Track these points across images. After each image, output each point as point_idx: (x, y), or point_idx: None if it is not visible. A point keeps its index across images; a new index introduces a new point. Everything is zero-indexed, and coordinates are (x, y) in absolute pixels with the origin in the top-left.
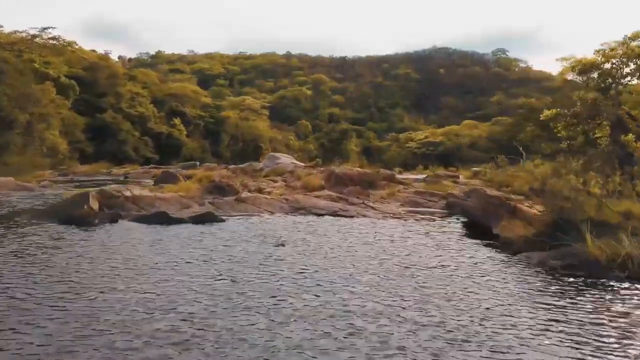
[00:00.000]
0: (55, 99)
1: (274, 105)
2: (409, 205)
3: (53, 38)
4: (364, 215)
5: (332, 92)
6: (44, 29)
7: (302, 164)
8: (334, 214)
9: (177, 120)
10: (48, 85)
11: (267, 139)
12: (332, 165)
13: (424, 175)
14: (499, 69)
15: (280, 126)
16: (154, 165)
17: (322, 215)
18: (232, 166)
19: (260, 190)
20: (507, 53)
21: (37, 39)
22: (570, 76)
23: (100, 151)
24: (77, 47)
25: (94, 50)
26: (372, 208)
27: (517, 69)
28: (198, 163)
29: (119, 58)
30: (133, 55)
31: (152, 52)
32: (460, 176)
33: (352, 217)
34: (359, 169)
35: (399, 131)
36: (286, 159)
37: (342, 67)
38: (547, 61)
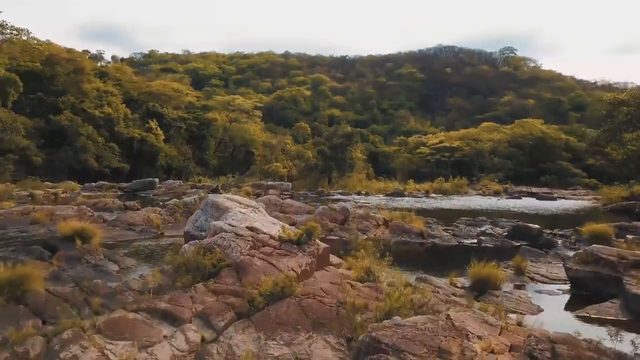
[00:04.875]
0: None
1: (271, 107)
2: None
3: None
4: None
5: (332, 92)
6: None
7: (277, 235)
8: None
9: (153, 123)
10: None
11: (259, 144)
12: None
13: None
14: (508, 69)
15: (276, 129)
16: (106, 182)
17: None
18: (173, 201)
19: None
20: (515, 52)
21: None
22: None
23: (54, 161)
24: (32, 36)
25: (86, 50)
26: None
27: (525, 69)
28: (157, 180)
29: (112, 58)
30: (127, 57)
31: (146, 52)
32: None
33: None
34: None
35: (404, 134)
36: (237, 216)
37: (343, 66)
38: (548, 62)
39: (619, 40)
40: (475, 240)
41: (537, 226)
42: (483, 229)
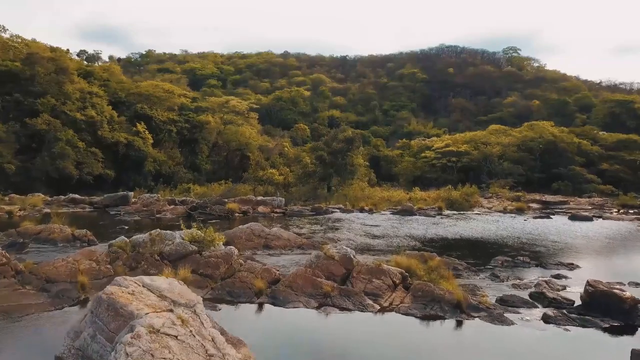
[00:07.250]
0: None
1: (270, 108)
2: None
3: None
4: None
5: (332, 93)
6: None
7: None
8: None
9: (140, 126)
10: None
11: (255, 147)
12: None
13: None
14: (512, 69)
15: (274, 131)
16: (76, 196)
17: None
18: (118, 241)
19: None
20: (518, 52)
21: None
22: None
23: (29, 169)
24: (13, 34)
25: (84, 50)
26: None
27: (529, 69)
28: (131, 194)
29: (109, 58)
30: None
31: (143, 52)
32: None
33: None
34: None
35: (406, 135)
36: (140, 345)
37: (343, 66)
38: (549, 62)
39: (618, 40)
40: (539, 315)
41: (628, 294)
42: (533, 280)
